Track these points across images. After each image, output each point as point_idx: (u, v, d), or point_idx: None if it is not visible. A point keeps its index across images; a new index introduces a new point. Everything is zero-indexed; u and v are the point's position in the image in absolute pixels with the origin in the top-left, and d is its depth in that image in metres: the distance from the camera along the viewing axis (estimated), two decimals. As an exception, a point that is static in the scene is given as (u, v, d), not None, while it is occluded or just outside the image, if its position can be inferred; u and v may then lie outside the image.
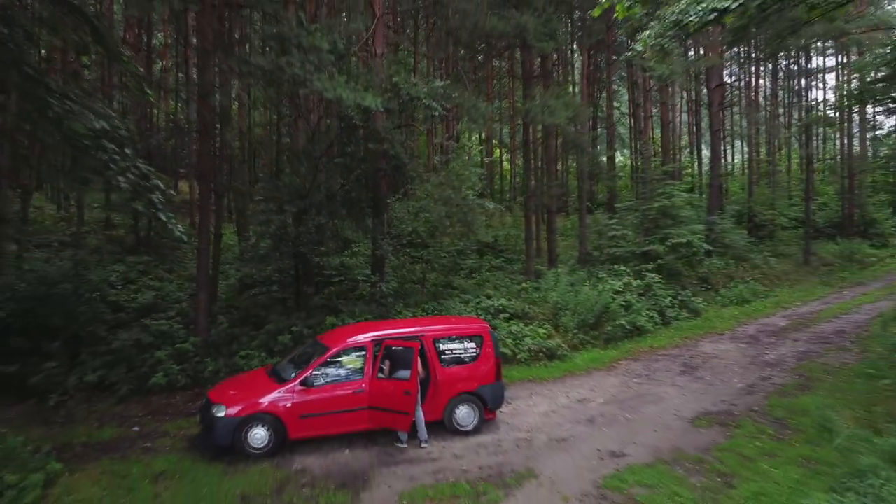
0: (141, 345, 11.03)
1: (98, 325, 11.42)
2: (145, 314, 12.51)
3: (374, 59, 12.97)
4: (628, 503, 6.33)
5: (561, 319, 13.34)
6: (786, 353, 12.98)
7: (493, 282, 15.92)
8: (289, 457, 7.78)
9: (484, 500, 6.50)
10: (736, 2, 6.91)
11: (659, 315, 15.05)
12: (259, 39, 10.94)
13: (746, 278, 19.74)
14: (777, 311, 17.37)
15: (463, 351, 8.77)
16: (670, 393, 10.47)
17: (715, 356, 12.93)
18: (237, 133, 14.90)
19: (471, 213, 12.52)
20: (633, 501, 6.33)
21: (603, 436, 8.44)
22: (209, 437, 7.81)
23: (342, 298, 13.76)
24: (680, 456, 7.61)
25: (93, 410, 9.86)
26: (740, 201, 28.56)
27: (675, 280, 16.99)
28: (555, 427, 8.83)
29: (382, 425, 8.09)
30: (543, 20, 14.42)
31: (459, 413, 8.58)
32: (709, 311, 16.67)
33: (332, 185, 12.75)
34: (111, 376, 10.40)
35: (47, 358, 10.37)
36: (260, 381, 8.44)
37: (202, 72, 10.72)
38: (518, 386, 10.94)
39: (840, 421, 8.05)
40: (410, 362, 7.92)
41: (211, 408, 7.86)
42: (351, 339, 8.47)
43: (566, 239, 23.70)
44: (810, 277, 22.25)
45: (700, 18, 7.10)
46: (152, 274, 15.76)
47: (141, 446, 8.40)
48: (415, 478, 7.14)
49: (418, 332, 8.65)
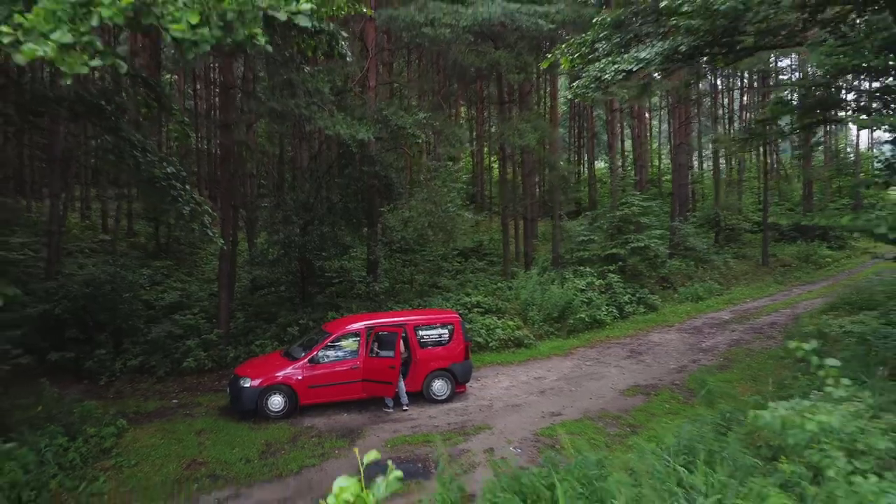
0: (173, 336, 13.23)
1: (136, 319, 13.62)
2: (173, 311, 14.71)
3: (367, 91, 15.19)
4: (554, 444, 8.51)
5: (529, 314, 15.53)
6: (721, 341, 15.18)
7: (473, 282, 18.11)
8: (300, 418, 9.96)
9: (449, 443, 8.68)
10: (639, 65, 9.14)
11: (617, 310, 17.25)
12: (266, 80, 13.08)
13: (705, 278, 21.94)
14: (727, 307, 19.58)
15: (438, 336, 10.97)
16: (613, 372, 12.66)
17: (659, 344, 15.13)
18: (250, 155, 17.07)
19: (450, 223, 14.71)
20: (557, 443, 8.51)
21: (549, 402, 10.64)
22: (237, 404, 9.99)
23: (341, 296, 15.95)
24: (604, 415, 9.81)
25: (137, 388, 12.05)
26: (709, 206, 30.85)
27: (636, 280, 19.19)
28: (512, 397, 11.02)
29: (373, 394, 10.27)
30: (515, 54, 16.64)
31: (435, 385, 10.77)
32: (665, 307, 18.87)
33: (333, 200, 14.96)
34: (150, 361, 12.60)
35: (97, 346, 12.61)
36: (276, 360, 10.63)
37: (224, 108, 12.92)
38: (488, 368, 13.13)
39: (732, 390, 10.25)
40: (395, 344, 10.12)
41: (238, 380, 10.04)
42: (348, 327, 10.67)
43: (546, 243, 25.91)
44: (766, 277, 24.46)
45: (612, 77, 9.33)
46: (174, 277, 17.98)
47: (181, 413, 10.58)
48: (397, 431, 9.33)
49: (402, 321, 10.85)
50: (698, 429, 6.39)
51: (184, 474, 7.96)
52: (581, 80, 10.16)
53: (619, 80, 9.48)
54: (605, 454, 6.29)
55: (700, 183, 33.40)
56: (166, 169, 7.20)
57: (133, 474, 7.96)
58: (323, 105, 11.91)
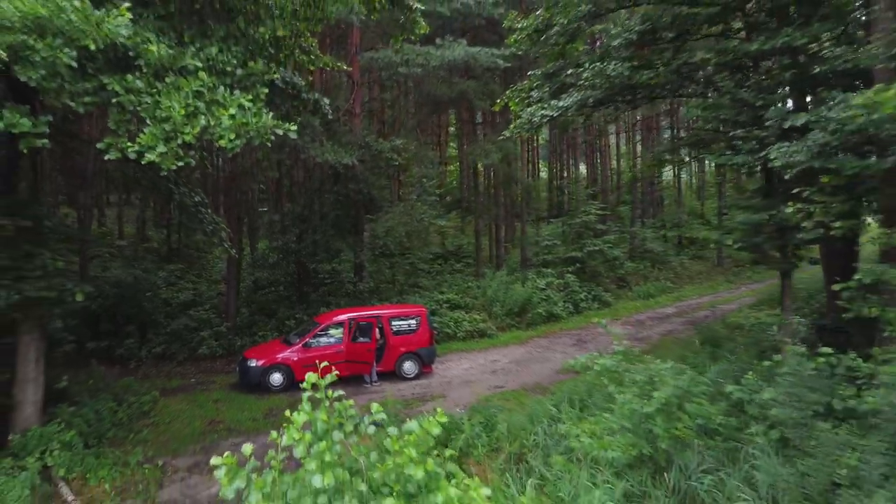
0: (189, 328, 15.74)
1: (157, 314, 16.13)
2: (188, 307, 17.22)
3: (353, 118, 17.72)
4: (491, 405, 11.04)
5: (493, 309, 18.07)
6: (657, 331, 17.73)
7: (449, 282, 20.61)
8: (296, 392, 12.46)
9: (410, 407, 11.21)
10: (559, 111, 11.69)
11: (573, 306, 19.79)
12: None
13: (660, 278, 24.51)
14: (674, 303, 22.14)
15: (408, 326, 13.49)
16: (557, 357, 15.19)
17: (604, 335, 17.60)
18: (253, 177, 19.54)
19: (424, 231, 17.22)
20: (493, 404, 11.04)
21: (497, 379, 13.18)
22: (245, 379, 12.50)
23: (332, 295, 18.45)
24: (537, 387, 12.35)
25: (161, 371, 14.56)
26: (672, 212, 33.43)
27: (594, 280, 21.74)
28: (468, 375, 13.56)
29: (354, 372, 12.78)
30: (483, 83, 19.19)
31: (405, 366, 13.29)
32: (617, 303, 21.43)
33: (325, 212, 17.49)
34: (171, 349, 15.11)
35: (126, 337, 15.11)
36: (277, 345, 13.15)
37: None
38: (454, 354, 15.66)
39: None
40: (371, 332, 12.64)
41: (246, 361, 12.56)
42: (335, 318, 13.19)
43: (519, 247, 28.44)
44: (719, 277, 27.04)
45: (539, 120, 11.88)
46: (186, 278, 20.48)
47: (200, 388, 13.10)
48: (372, 399, 11.81)
49: (378, 314, 13.37)
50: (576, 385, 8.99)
51: (206, 428, 10.50)
52: (519, 120, 12.72)
53: (545, 123, 12.03)
54: (509, 405, 8.89)
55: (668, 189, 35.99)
56: (195, 199, 9.70)
57: (168, 429, 10.50)
58: (315, 136, 14.43)
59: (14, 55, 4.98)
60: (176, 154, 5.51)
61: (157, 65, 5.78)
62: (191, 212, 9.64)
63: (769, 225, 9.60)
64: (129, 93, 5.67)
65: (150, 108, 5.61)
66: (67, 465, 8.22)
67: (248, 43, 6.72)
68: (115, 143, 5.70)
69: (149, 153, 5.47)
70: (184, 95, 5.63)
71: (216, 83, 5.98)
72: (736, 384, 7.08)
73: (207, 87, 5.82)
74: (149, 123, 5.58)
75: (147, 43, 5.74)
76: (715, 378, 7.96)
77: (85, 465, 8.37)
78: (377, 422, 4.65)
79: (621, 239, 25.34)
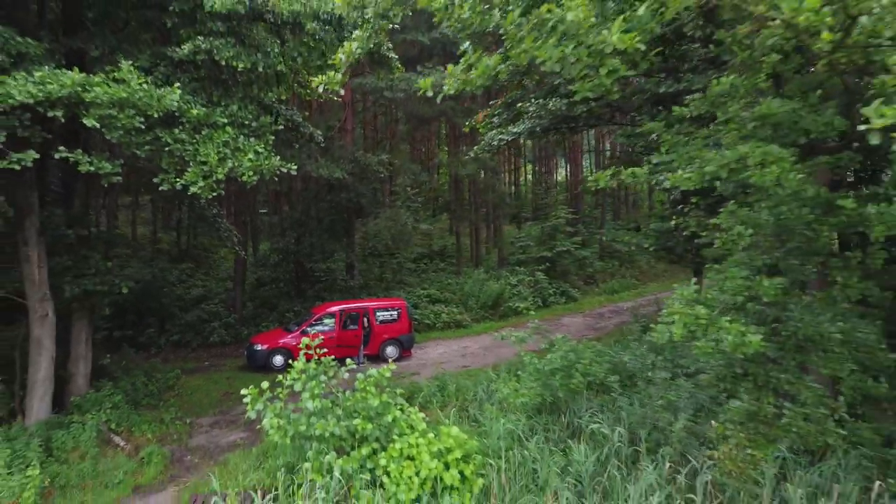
0: (201, 319, 18.08)
1: (173, 307, 18.46)
2: (199, 302, 19.55)
3: (345, 134, 20.07)
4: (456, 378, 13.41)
5: (469, 303, 20.45)
6: (613, 322, 20.12)
7: (432, 279, 22.99)
8: (294, 371, 14.79)
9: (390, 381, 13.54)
10: (512, 136, 14.07)
11: (542, 300, 22.18)
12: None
13: (626, 275, 26.91)
14: (635, 298, 24.53)
15: (390, 316, 15.86)
16: (521, 343, 17.53)
17: (566, 325, 20.04)
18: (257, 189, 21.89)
19: (407, 234, 19.57)
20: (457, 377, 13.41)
21: (465, 360, 15.55)
22: (252, 360, 14.85)
23: (326, 290, 20.80)
24: (495, 367, 14.70)
25: (178, 356, 16.90)
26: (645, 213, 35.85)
27: (563, 277, 24.12)
28: (442, 358, 15.93)
29: (344, 355, 15.08)
30: (460, 103, 21.53)
31: (388, 350, 15.66)
32: (584, 298, 23.82)
33: (320, 217, 19.84)
34: (186, 337, 17.45)
35: (148, 327, 17.43)
36: (278, 332, 15.53)
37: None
38: (433, 342, 18.03)
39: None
40: (358, 320, 15.01)
41: (253, 346, 14.92)
42: (328, 309, 15.54)
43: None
44: (680, 275, 29.39)
45: (498, 143, 14.25)
46: (196, 276, 22.81)
47: (214, 369, 15.46)
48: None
49: (365, 306, 15.74)
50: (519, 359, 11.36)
51: (222, 398, 12.87)
52: (482, 142, 15.09)
53: (502, 145, 14.41)
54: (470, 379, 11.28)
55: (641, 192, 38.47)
56: (213, 211, 12.05)
57: (190, 399, 12.87)
58: (311, 154, 16.78)
59: (103, 122, 7.33)
60: (211, 187, 7.87)
61: (195, 121, 8.14)
62: (209, 221, 12.01)
63: (679, 231, 12.01)
64: (176, 142, 8.02)
65: (191, 154, 7.97)
66: (117, 420, 10.58)
67: (260, 101, 9.08)
68: (167, 178, 8.06)
69: (192, 186, 7.83)
70: (216, 144, 7.99)
71: (237, 134, 8.35)
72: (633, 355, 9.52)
73: (231, 137, 8.19)
74: (191, 165, 7.94)
75: (188, 105, 8.10)
76: (618, 351, 10.37)
77: (130, 421, 10.73)
78: (349, 369, 7.15)
79: (594, 239, 27.72)
